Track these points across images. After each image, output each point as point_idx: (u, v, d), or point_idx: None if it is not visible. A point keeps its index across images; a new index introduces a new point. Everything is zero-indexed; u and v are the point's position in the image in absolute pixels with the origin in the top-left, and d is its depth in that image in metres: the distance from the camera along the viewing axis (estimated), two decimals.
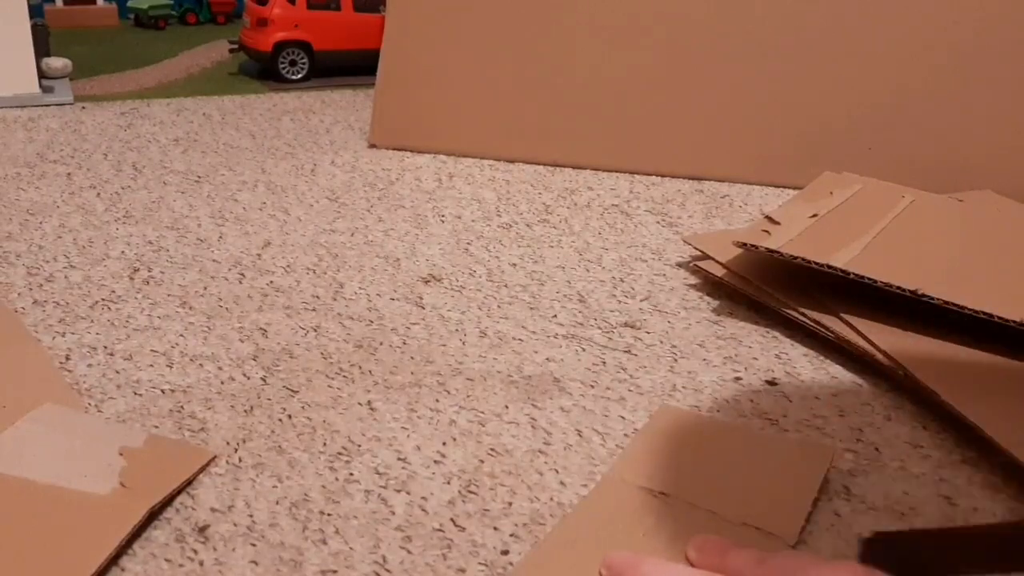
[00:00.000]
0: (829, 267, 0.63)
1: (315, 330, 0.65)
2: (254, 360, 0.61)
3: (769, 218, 0.75)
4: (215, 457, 0.49)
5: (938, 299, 0.58)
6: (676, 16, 1.06)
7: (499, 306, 0.71)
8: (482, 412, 0.55)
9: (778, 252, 0.65)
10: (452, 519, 0.45)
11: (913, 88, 1.00)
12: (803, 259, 0.64)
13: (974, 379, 0.56)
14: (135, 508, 0.43)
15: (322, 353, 0.62)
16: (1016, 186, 0.90)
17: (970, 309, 0.57)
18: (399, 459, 0.50)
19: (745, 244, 0.68)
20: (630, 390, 0.58)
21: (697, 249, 0.77)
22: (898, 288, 0.60)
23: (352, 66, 1.64)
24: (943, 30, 0.99)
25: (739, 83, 1.05)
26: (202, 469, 0.48)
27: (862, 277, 0.61)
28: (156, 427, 0.52)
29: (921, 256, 0.67)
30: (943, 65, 0.99)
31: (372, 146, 1.17)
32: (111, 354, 0.61)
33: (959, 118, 0.99)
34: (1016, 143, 0.97)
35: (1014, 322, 0.56)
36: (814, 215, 0.74)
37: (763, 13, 1.04)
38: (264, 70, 1.66)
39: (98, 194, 0.94)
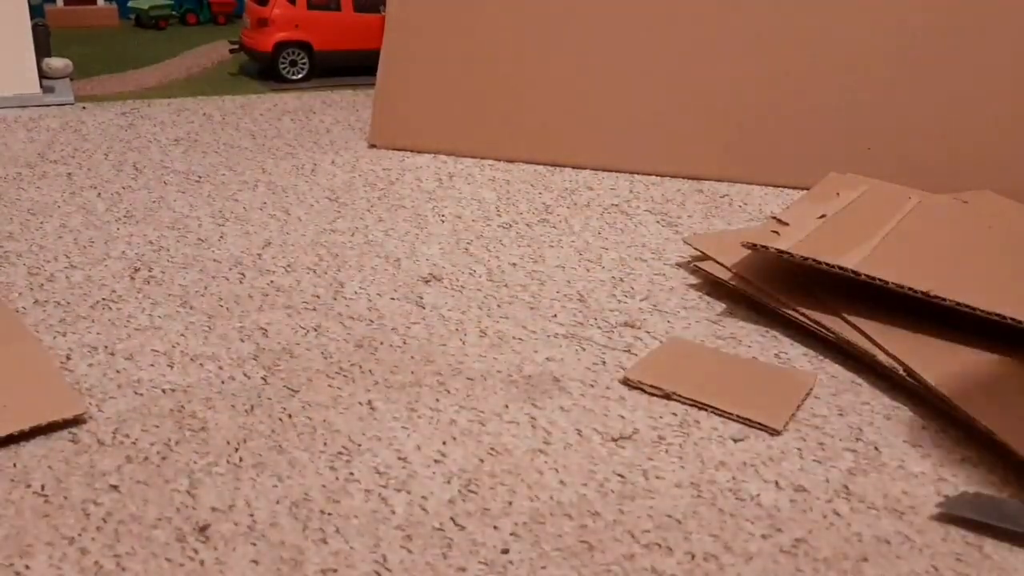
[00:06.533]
0: (840, 268, 0.63)
1: (315, 330, 0.65)
2: (255, 360, 0.61)
3: (777, 219, 0.75)
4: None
5: (950, 300, 0.58)
6: (676, 17, 1.06)
7: (499, 306, 0.71)
8: (482, 412, 0.55)
9: (788, 253, 0.65)
10: (452, 518, 0.45)
11: (913, 88, 1.00)
12: (814, 260, 0.64)
13: (979, 380, 0.56)
14: None
15: (322, 353, 0.62)
16: (1016, 186, 0.90)
17: (982, 311, 0.57)
18: (399, 458, 0.50)
19: (755, 245, 0.68)
20: (630, 389, 0.58)
21: (697, 249, 0.77)
22: (909, 289, 0.59)
23: (352, 66, 1.64)
24: (944, 31, 0.99)
25: (739, 83, 1.05)
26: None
27: (874, 279, 0.61)
28: (156, 426, 0.52)
29: (929, 257, 0.67)
30: (944, 65, 0.99)
31: (372, 146, 1.17)
32: (112, 354, 0.61)
33: (959, 118, 0.99)
34: (1016, 143, 0.97)
35: None
36: (822, 216, 0.74)
37: (763, 14, 1.04)
38: (264, 70, 1.66)
39: (99, 194, 0.94)
